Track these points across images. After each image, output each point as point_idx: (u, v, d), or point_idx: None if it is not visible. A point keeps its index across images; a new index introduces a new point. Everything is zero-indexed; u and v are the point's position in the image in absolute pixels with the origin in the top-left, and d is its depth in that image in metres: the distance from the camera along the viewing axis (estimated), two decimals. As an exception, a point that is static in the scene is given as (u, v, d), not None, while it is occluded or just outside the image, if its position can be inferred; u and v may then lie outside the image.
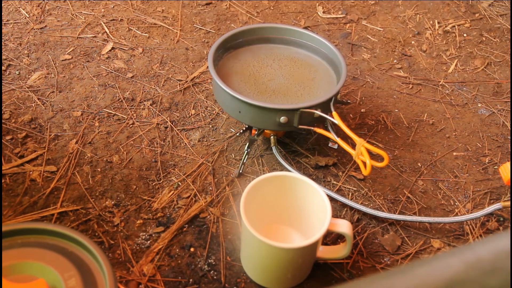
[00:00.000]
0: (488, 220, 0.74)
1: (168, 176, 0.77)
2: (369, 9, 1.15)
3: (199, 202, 0.74)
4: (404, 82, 0.97)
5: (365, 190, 0.77)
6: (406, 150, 0.84)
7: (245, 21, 1.08)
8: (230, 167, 0.79)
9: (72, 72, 0.93)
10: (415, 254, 0.70)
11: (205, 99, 0.90)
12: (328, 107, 0.72)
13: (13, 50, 0.96)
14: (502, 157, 0.84)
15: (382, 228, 0.72)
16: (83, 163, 0.78)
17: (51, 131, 0.82)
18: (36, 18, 1.04)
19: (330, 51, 0.80)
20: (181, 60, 0.98)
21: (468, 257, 0.35)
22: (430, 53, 1.04)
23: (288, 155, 0.82)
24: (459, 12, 1.15)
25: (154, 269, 0.66)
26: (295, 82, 0.78)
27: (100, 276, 0.48)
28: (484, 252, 0.35)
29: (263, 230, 0.63)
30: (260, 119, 0.72)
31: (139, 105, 0.88)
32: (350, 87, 0.95)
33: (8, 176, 0.75)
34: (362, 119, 0.89)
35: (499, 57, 1.04)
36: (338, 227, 0.61)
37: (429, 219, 0.71)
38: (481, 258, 0.35)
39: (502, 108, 0.93)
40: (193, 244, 0.69)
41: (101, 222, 0.70)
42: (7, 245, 0.49)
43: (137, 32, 1.03)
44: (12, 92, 0.88)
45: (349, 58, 1.01)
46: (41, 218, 0.70)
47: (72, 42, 0.99)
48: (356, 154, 0.67)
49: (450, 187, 0.79)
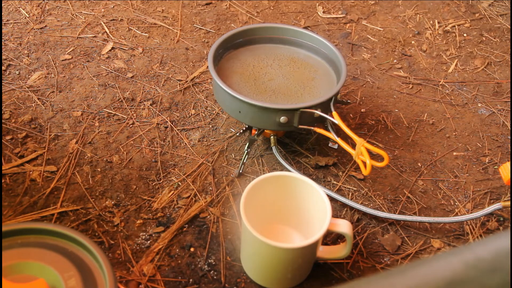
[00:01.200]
0: (488, 220, 0.74)
1: (168, 176, 0.77)
2: (369, 9, 1.15)
3: (199, 202, 0.74)
4: (404, 82, 0.97)
5: (365, 190, 0.77)
6: (406, 150, 0.84)
7: (245, 21, 1.08)
8: (230, 167, 0.79)
9: (72, 72, 0.93)
10: (415, 254, 0.70)
11: (205, 99, 0.90)
12: (328, 107, 0.72)
13: (13, 50, 0.96)
14: (502, 157, 0.84)
15: (382, 228, 0.72)
16: (83, 163, 0.78)
17: (51, 131, 0.82)
18: (36, 18, 1.04)
19: (330, 51, 0.80)
20: (181, 60, 0.98)
21: (468, 257, 0.35)
22: (430, 53, 1.04)
23: (288, 155, 0.82)
24: (459, 12, 1.15)
25: (154, 269, 0.66)
26: (295, 82, 0.78)
27: (100, 276, 0.48)
28: (484, 252, 0.35)
29: (263, 230, 0.63)
30: (260, 119, 0.72)
31: (139, 105, 0.88)
32: (350, 87, 0.95)
33: (8, 176, 0.75)
34: (362, 119, 0.89)
35: (499, 57, 1.04)
36: (338, 227, 0.61)
37: (429, 219, 0.71)
38: (481, 258, 0.35)
39: (502, 108, 0.93)
40: (193, 244, 0.69)
41: (101, 222, 0.70)
42: (7, 245, 0.49)
43: (137, 32, 1.03)
44: (12, 92, 0.88)
45: (349, 58, 1.01)
46: (41, 218, 0.70)
47: (72, 42, 0.99)
48: (356, 154, 0.67)
49: (450, 187, 0.79)
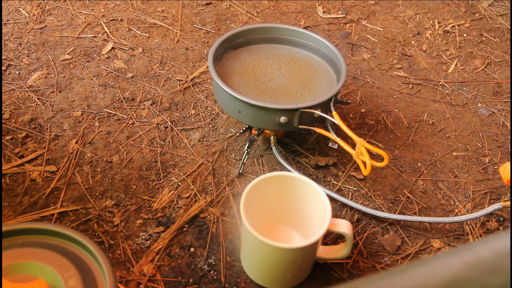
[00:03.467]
0: (488, 220, 0.74)
1: (168, 176, 0.77)
2: (369, 9, 1.15)
3: (199, 202, 0.74)
4: (404, 82, 0.97)
5: (365, 190, 0.77)
6: (406, 150, 0.84)
7: (245, 21, 1.08)
8: (230, 167, 0.79)
9: (72, 72, 0.93)
10: (415, 254, 0.70)
11: (205, 99, 0.90)
12: (328, 107, 0.72)
13: (13, 50, 0.96)
14: (502, 157, 0.84)
15: (382, 228, 0.72)
16: (83, 163, 0.78)
17: (51, 131, 0.82)
18: (36, 18, 1.04)
19: (330, 51, 0.80)
20: (181, 60, 0.98)
21: (468, 257, 0.35)
22: (430, 53, 1.04)
23: (288, 155, 0.82)
24: (459, 12, 1.15)
25: (154, 269, 0.66)
26: (295, 82, 0.78)
27: (100, 276, 0.48)
28: (484, 252, 0.35)
29: (263, 230, 0.63)
30: (260, 119, 0.72)
31: (139, 105, 0.88)
32: (350, 87, 0.95)
33: (8, 176, 0.75)
34: (362, 119, 0.89)
35: (499, 57, 1.04)
36: (338, 227, 0.61)
37: (429, 219, 0.71)
38: (481, 258, 0.35)
39: (502, 108, 0.93)
40: (193, 244, 0.69)
41: (101, 222, 0.70)
42: (7, 245, 0.49)
43: (137, 32, 1.03)
44: (12, 92, 0.88)
45: (349, 58, 1.01)
46: (41, 218, 0.70)
47: (72, 42, 0.99)
48: (356, 154, 0.67)
49: (450, 187, 0.79)
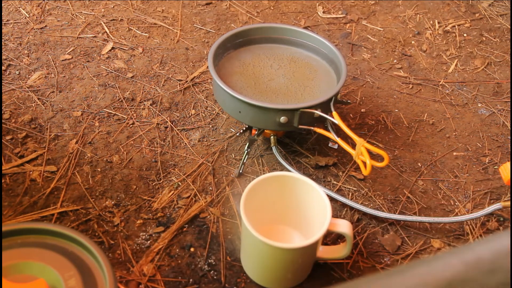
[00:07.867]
0: (488, 220, 0.74)
1: (168, 176, 0.77)
2: (369, 9, 1.15)
3: (199, 202, 0.74)
4: (404, 82, 0.97)
5: (365, 190, 0.77)
6: (406, 150, 0.84)
7: (245, 21, 1.08)
8: (230, 167, 0.79)
9: (72, 72, 0.93)
10: (415, 254, 0.70)
11: (205, 99, 0.90)
12: (328, 107, 0.72)
13: (13, 50, 0.96)
14: (502, 157, 0.84)
15: (382, 228, 0.72)
16: (83, 163, 0.78)
17: (51, 131, 0.82)
18: (36, 18, 1.04)
19: (330, 51, 0.80)
20: (181, 60, 0.98)
21: (468, 257, 0.35)
22: (430, 53, 1.04)
23: (288, 155, 0.82)
24: (459, 12, 1.15)
25: (154, 269, 0.66)
26: (295, 82, 0.78)
27: (100, 276, 0.48)
28: (484, 252, 0.35)
29: (263, 230, 0.63)
30: (260, 119, 0.72)
31: (139, 105, 0.88)
32: (350, 87, 0.95)
33: (8, 176, 0.75)
34: (362, 119, 0.89)
35: (499, 57, 1.04)
36: (338, 227, 0.61)
37: (429, 219, 0.71)
38: (481, 258, 0.35)
39: (502, 108, 0.93)
40: (193, 244, 0.69)
41: (101, 222, 0.70)
42: (7, 245, 0.49)
43: (137, 32, 1.03)
44: (12, 92, 0.88)
45: (349, 58, 1.01)
46: (41, 218, 0.70)
47: (72, 42, 0.99)
48: (356, 154, 0.67)
49: (450, 187, 0.79)
